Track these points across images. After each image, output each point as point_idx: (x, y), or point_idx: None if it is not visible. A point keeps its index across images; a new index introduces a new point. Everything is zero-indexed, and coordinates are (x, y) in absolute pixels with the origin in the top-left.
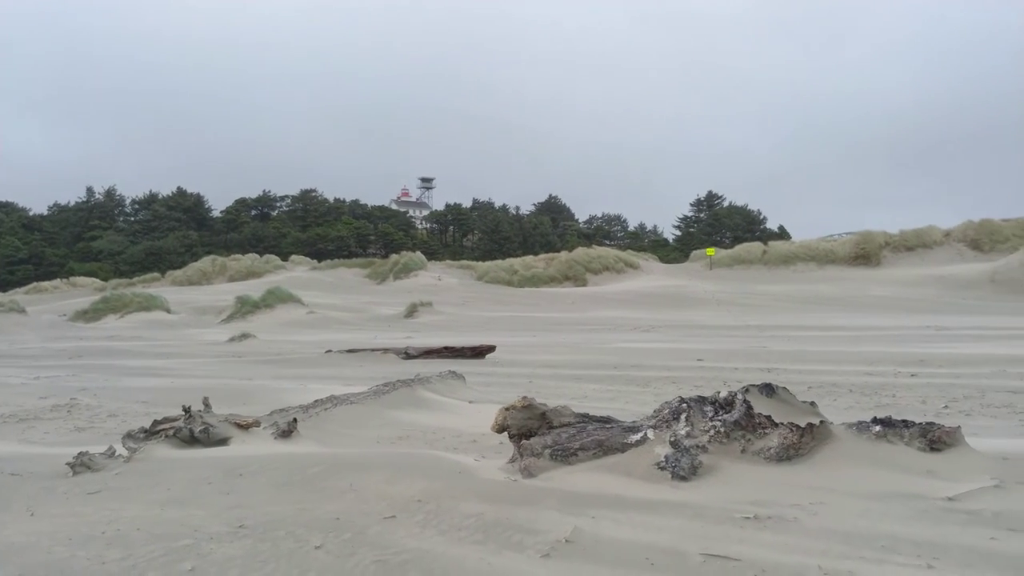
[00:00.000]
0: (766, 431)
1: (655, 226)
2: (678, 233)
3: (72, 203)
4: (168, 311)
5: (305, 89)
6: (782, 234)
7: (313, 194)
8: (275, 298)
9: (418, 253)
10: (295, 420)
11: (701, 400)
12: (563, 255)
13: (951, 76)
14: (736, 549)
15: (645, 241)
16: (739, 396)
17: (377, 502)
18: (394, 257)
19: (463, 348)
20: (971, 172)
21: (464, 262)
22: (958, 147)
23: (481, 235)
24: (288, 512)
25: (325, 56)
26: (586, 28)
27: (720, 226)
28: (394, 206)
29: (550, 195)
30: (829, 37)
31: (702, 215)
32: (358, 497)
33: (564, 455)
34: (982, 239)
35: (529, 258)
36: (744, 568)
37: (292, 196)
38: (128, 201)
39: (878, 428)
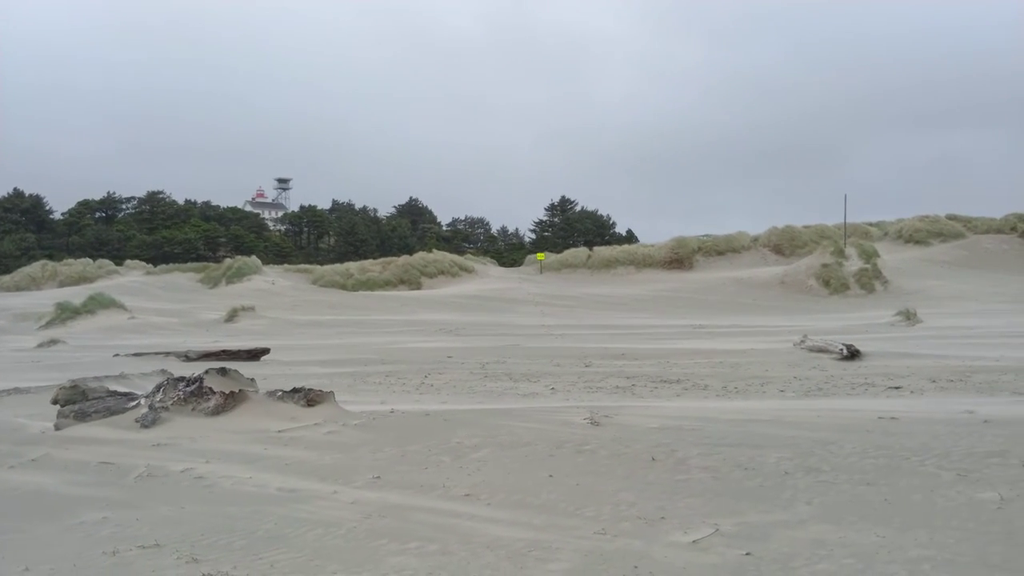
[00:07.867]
0: (210, 397)
1: (516, 229)
2: (534, 237)
3: None
4: None
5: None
6: (629, 238)
7: (160, 195)
8: (96, 304)
9: (253, 257)
10: None
11: (179, 379)
12: (401, 259)
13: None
14: (126, 460)
15: (502, 245)
16: (202, 376)
17: None
18: (227, 261)
19: (239, 350)
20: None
21: (303, 266)
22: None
23: (337, 237)
24: None
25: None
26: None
27: (572, 230)
28: (248, 207)
29: (411, 197)
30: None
31: (556, 219)
32: None
33: (83, 416)
34: (784, 244)
35: (367, 262)
36: (116, 467)
37: (139, 198)
38: None
39: (280, 393)
